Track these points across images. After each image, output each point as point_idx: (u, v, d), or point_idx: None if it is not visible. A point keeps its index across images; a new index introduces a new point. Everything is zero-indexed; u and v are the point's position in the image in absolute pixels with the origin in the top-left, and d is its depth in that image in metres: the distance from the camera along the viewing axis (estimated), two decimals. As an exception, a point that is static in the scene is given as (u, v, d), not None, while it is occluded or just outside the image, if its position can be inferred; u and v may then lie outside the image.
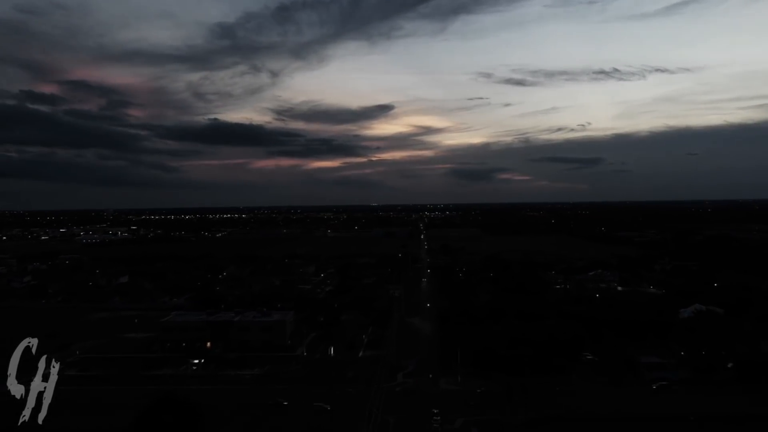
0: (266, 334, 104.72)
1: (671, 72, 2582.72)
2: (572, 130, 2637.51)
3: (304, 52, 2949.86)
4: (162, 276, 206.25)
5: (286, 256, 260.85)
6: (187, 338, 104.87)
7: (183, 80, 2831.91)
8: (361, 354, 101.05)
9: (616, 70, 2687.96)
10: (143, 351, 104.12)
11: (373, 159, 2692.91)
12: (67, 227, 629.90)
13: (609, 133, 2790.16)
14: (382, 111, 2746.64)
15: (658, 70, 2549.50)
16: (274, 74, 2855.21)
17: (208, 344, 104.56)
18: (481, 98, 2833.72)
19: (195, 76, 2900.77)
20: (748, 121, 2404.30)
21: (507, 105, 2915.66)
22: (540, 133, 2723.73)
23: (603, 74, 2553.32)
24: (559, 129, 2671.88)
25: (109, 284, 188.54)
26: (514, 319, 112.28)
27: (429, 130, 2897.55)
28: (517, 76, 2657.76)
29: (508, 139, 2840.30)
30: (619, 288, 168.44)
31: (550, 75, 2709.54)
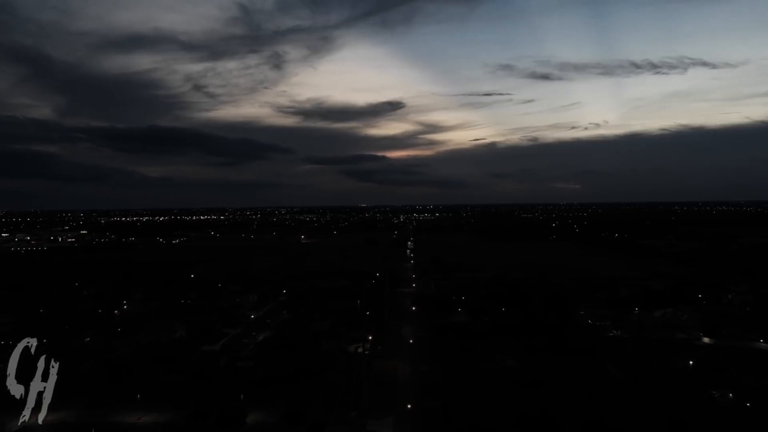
0: None
1: (713, 66, 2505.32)
2: (585, 128, 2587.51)
3: (315, 39, 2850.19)
4: (32, 311, 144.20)
5: (228, 275, 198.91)
6: None
7: (183, 72, 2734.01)
8: None
9: (650, 63, 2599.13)
10: None
11: (369, 158, 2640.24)
12: (14, 231, 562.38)
13: (621, 131, 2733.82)
14: (390, 108, 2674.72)
15: (698, 63, 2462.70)
16: (282, 66, 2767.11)
17: None
18: (501, 94, 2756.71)
19: (197, 67, 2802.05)
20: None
21: (528, 101, 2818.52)
22: (550, 130, 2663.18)
23: (636, 67, 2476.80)
24: (573, 128, 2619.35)
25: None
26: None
27: (435, 128, 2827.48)
28: (542, 70, 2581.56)
29: (515, 137, 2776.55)
30: (706, 339, 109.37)
31: (581, 68, 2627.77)
